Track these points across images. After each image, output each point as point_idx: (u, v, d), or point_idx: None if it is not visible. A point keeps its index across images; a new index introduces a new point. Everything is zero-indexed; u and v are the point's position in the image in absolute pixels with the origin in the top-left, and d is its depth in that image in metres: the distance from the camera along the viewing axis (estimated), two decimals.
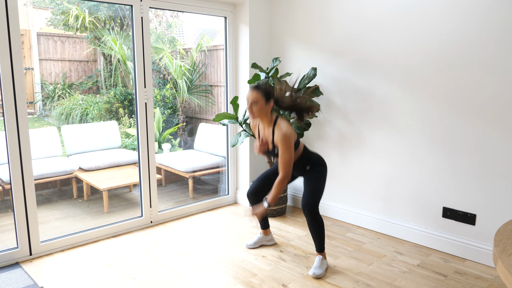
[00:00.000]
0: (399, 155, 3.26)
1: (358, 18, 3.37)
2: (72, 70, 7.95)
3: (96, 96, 7.04)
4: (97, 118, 6.34)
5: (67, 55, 7.89)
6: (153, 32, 6.25)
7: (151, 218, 3.54)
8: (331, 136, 3.71)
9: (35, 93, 7.63)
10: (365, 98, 3.41)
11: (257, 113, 2.60)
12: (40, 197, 4.37)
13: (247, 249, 3.10)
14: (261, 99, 2.56)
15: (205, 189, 4.81)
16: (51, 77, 7.74)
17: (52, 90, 7.56)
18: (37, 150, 4.52)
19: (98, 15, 6.85)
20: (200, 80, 5.90)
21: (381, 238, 3.31)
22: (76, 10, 6.44)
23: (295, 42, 3.86)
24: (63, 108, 6.82)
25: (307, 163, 2.76)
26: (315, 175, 2.75)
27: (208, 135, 5.07)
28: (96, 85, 7.77)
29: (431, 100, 3.03)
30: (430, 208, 3.13)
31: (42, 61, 7.75)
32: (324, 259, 2.78)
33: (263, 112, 2.60)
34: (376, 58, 3.29)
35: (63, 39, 7.82)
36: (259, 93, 2.57)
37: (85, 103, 6.81)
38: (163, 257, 2.95)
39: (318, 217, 2.70)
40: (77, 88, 7.70)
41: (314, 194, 2.69)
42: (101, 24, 6.93)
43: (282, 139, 2.52)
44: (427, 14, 2.97)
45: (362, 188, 3.54)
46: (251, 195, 2.97)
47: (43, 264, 2.83)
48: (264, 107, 2.58)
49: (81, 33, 7.36)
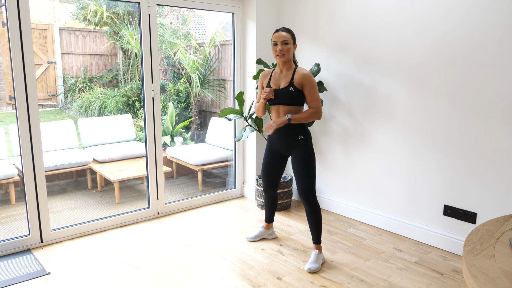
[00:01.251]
0: (401, 151, 3.25)
1: (363, 13, 3.35)
2: (93, 64, 8.18)
3: (114, 90, 7.24)
4: (114, 111, 6.52)
5: (88, 49, 8.12)
6: (168, 27, 6.36)
7: (158, 210, 3.66)
8: (335, 131, 3.72)
9: (57, 86, 7.91)
10: (369, 94, 3.41)
11: (287, 53, 2.66)
12: (56, 187, 4.57)
13: (248, 242, 3.17)
14: (291, 40, 2.67)
15: (214, 182, 4.91)
16: (73, 71, 7.99)
17: (73, 83, 7.81)
18: (54, 142, 4.72)
19: (116, 10, 7.01)
20: (214, 75, 5.98)
21: (382, 235, 3.32)
22: (95, 5, 6.61)
23: (301, 37, 3.87)
24: (82, 101, 7.04)
25: (301, 131, 2.74)
26: (307, 156, 2.72)
27: (219, 129, 5.15)
28: (115, 79, 7.98)
29: (433, 97, 3.00)
30: (431, 205, 3.12)
31: (64, 55, 8.00)
32: (320, 253, 2.82)
33: (290, 54, 2.69)
34: (380, 53, 3.28)
35: (84, 33, 8.05)
36: (288, 34, 2.68)
37: (103, 96, 7.01)
38: (166, 247, 3.06)
39: (317, 204, 2.78)
40: (97, 81, 7.93)
41: (310, 179, 2.72)
42: (120, 19, 7.09)
43: (309, 76, 2.65)
44: (429, 9, 2.94)
45: (365, 184, 3.55)
46: (268, 189, 3.07)
47: (53, 251, 2.99)
48: (291, 48, 2.69)
49: (100, 28, 7.55)
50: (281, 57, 2.68)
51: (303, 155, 2.73)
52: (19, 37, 2.78)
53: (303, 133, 2.74)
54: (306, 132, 2.77)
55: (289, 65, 2.74)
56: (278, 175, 3.00)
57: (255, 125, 3.66)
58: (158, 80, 3.47)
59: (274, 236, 3.25)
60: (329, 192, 3.87)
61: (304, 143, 2.74)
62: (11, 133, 4.58)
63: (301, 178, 2.73)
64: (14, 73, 2.79)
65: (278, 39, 2.66)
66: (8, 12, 2.72)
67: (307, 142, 2.75)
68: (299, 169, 2.74)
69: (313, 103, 2.68)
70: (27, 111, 2.88)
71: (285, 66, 2.74)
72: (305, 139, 2.74)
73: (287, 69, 2.74)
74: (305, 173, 2.72)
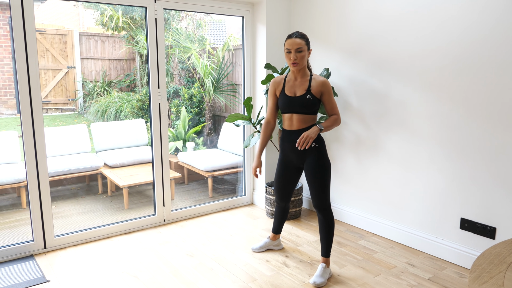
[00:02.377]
0: (415, 161, 3.09)
1: (375, 16, 3.22)
2: (112, 69, 8.27)
3: (131, 94, 7.28)
4: (129, 115, 6.55)
5: (107, 54, 8.22)
6: (183, 31, 6.34)
7: (164, 217, 3.60)
8: (347, 138, 3.58)
9: (76, 91, 8.02)
10: (381, 100, 3.26)
11: (301, 61, 2.54)
12: (67, 192, 4.58)
13: (253, 252, 3.07)
14: (305, 47, 2.54)
15: (224, 188, 4.83)
16: (92, 75, 8.10)
17: (91, 87, 7.90)
18: (66, 147, 4.74)
19: (133, 15, 7.05)
20: (227, 79, 5.92)
21: (395, 248, 3.16)
22: (111, 11, 6.67)
23: (312, 41, 3.75)
24: (99, 105, 7.10)
25: (316, 139, 2.59)
26: (322, 164, 2.59)
27: (231, 134, 5.08)
28: (133, 83, 8.04)
29: (449, 103, 2.83)
30: (447, 218, 2.94)
31: (83, 60, 8.11)
32: (328, 268, 2.69)
33: (304, 60, 2.56)
34: (393, 57, 3.13)
35: (103, 38, 8.15)
36: (302, 40, 2.53)
37: (120, 100, 7.05)
38: (168, 256, 2.99)
39: (331, 215, 2.67)
40: (115, 86, 8.00)
41: (325, 188, 2.60)
42: (136, 24, 7.13)
43: (327, 84, 2.57)
44: (444, 10, 2.78)
45: (377, 193, 3.39)
46: (281, 202, 2.93)
47: (55, 257, 2.96)
48: (306, 55, 2.56)
49: (118, 33, 7.62)
50: (295, 66, 2.55)
51: (317, 163, 2.59)
52: (23, 41, 2.77)
53: (317, 140, 2.61)
54: (320, 139, 2.63)
55: (303, 72, 2.62)
56: (291, 188, 2.86)
57: None
58: (164, 85, 3.42)
59: (281, 247, 3.13)
60: (340, 201, 3.72)
61: (318, 151, 2.61)
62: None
63: (315, 187, 2.60)
64: (18, 78, 2.79)
65: (292, 47, 2.52)
66: (13, 17, 2.72)
67: (322, 150, 2.62)
68: (313, 178, 2.60)
69: (334, 109, 2.62)
70: (31, 116, 2.87)
71: (300, 73, 2.62)
72: (319, 146, 2.61)
73: (302, 76, 2.62)
74: (320, 182, 2.59)
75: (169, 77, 6.64)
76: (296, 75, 2.63)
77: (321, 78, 2.59)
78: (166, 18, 6.86)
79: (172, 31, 6.57)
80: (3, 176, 3.96)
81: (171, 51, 6.53)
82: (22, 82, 2.81)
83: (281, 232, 3.12)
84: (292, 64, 2.55)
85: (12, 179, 3.96)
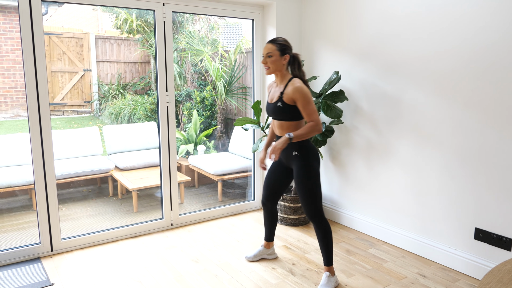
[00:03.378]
0: (428, 167, 2.98)
1: (386, 17, 3.13)
2: (127, 72, 8.34)
3: (144, 97, 7.31)
4: (143, 118, 6.57)
5: (122, 57, 8.29)
6: (196, 34, 6.34)
7: (171, 221, 3.58)
8: (358, 143, 3.49)
9: (92, 93, 8.12)
10: (393, 104, 3.16)
11: (272, 66, 2.50)
12: (78, 194, 4.61)
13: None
14: (275, 52, 2.49)
15: (234, 193, 4.79)
16: (107, 78, 8.18)
17: (107, 90, 7.98)
18: (78, 149, 4.78)
19: (147, 18, 7.09)
20: (240, 82, 5.89)
21: (406, 257, 3.06)
22: (125, 14, 6.72)
23: (323, 44, 3.68)
24: (114, 108, 7.16)
25: (296, 147, 2.54)
26: (303, 172, 2.51)
27: (242, 138, 5.04)
28: (148, 86, 8.09)
29: (463, 108, 2.72)
30: (461, 227, 2.82)
31: (99, 63, 8.20)
32: (332, 276, 2.61)
33: (278, 66, 2.51)
34: (405, 60, 3.04)
35: (119, 41, 8.23)
36: (273, 45, 2.51)
37: (134, 103, 7.09)
38: (173, 261, 2.96)
39: (323, 222, 2.56)
40: (130, 88, 8.06)
41: (312, 199, 2.53)
42: (150, 28, 7.17)
43: (299, 91, 2.41)
44: (458, 11, 2.67)
45: (389, 200, 3.29)
46: (266, 202, 2.86)
47: (62, 260, 2.96)
48: (278, 60, 2.50)
49: (133, 36, 7.68)
50: (267, 70, 2.55)
51: (300, 171, 2.53)
52: (31, 44, 2.79)
53: (298, 148, 2.54)
54: (301, 147, 2.54)
55: (282, 77, 2.57)
56: (280, 187, 2.79)
57: None
58: (172, 89, 3.40)
59: (275, 257, 3.04)
60: (350, 208, 3.63)
61: (301, 159, 2.54)
62: None
63: (301, 194, 2.56)
64: (26, 81, 2.80)
65: (263, 51, 2.55)
66: (21, 21, 2.74)
67: (304, 157, 2.54)
68: (298, 186, 2.56)
69: (310, 116, 2.43)
70: (39, 118, 2.88)
71: (279, 77, 2.58)
72: (300, 154, 2.54)
73: (280, 81, 2.58)
74: (304, 189, 2.53)
75: (182, 80, 6.65)
76: (277, 80, 2.61)
77: (295, 85, 2.44)
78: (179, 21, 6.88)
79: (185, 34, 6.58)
80: (15, 178, 4.01)
81: (184, 54, 6.54)
82: (30, 85, 2.83)
83: (273, 239, 3.03)
84: (265, 69, 2.55)
85: (24, 181, 4.00)
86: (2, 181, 3.95)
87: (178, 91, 6.49)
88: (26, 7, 2.75)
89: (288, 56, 2.53)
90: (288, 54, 2.53)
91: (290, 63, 2.56)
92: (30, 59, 2.80)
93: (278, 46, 2.50)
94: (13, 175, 4.05)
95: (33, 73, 2.83)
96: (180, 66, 6.66)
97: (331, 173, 3.79)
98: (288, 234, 3.48)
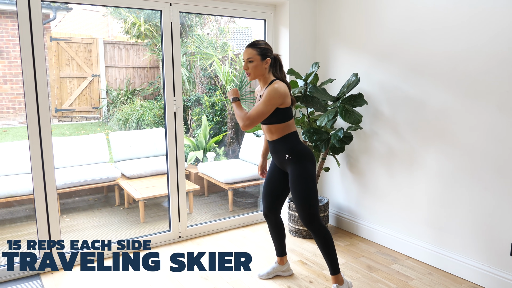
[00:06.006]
0: (457, 176, 2.73)
1: (409, 15, 2.90)
2: (136, 77, 8.21)
3: (153, 102, 7.16)
4: (151, 124, 6.42)
5: (131, 62, 8.17)
6: (205, 38, 6.18)
7: (179, 233, 3.38)
8: (378, 150, 3.26)
9: (100, 99, 8.00)
10: (417, 108, 2.93)
11: (253, 71, 2.37)
12: (83, 203, 4.44)
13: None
14: (256, 56, 2.35)
15: (245, 202, 4.58)
16: (116, 84, 8.06)
17: (115, 96, 7.85)
18: (84, 156, 4.62)
19: (155, 22, 6.96)
20: (250, 87, 5.69)
21: (433, 274, 2.81)
22: (133, 18, 6.59)
23: (339, 44, 3.47)
24: (122, 114, 7.02)
25: (288, 150, 2.41)
26: (296, 176, 2.38)
27: (253, 144, 4.83)
28: (157, 91, 7.94)
29: (497, 111, 2.48)
30: (495, 242, 2.57)
31: (108, 68, 8.08)
32: (342, 285, 2.40)
33: (259, 70, 2.37)
34: (430, 61, 2.80)
35: (127, 46, 8.11)
36: (253, 50, 2.36)
37: (142, 109, 6.94)
38: (181, 278, 2.75)
39: (321, 230, 2.39)
40: (139, 94, 7.93)
41: (307, 204, 2.36)
42: (159, 32, 7.02)
43: (268, 91, 2.30)
44: (490, 4, 2.44)
45: (413, 212, 3.05)
46: (268, 213, 2.64)
47: (62, 278, 2.77)
48: (260, 65, 2.36)
49: (142, 40, 7.55)
50: (248, 76, 2.41)
51: (291, 175, 2.41)
52: (30, 49, 2.63)
53: (290, 151, 2.41)
54: (294, 150, 2.41)
55: (264, 81, 2.43)
56: (280, 194, 2.59)
57: None
58: (180, 94, 3.22)
59: (290, 273, 2.80)
60: (371, 219, 3.39)
61: (292, 161, 2.41)
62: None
63: (294, 199, 2.41)
64: (25, 88, 2.64)
65: (244, 57, 2.41)
66: (20, 24, 2.58)
67: (297, 159, 2.40)
68: (291, 190, 2.43)
69: (253, 111, 2.30)
70: (38, 125, 2.71)
71: (261, 82, 2.45)
72: (293, 157, 2.40)
73: (263, 85, 2.45)
74: (297, 194, 2.39)
75: (191, 84, 6.48)
76: (260, 84, 2.49)
77: (273, 86, 2.32)
78: (188, 25, 6.73)
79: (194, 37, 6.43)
80: (19, 187, 3.85)
81: (193, 58, 6.38)
82: (29, 91, 2.66)
83: (286, 253, 2.78)
84: (246, 75, 2.42)
85: (28, 190, 3.84)
86: (6, 190, 3.80)
87: (187, 96, 6.32)
88: (25, 11, 2.59)
89: (270, 60, 2.39)
90: (269, 57, 2.39)
91: (271, 65, 2.42)
92: (29, 64, 2.64)
93: (258, 50, 2.36)
94: (18, 183, 3.89)
95: (32, 79, 2.66)
96: (189, 71, 6.50)
97: (349, 182, 3.56)
98: (303, 247, 3.26)
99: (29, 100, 2.67)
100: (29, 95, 2.66)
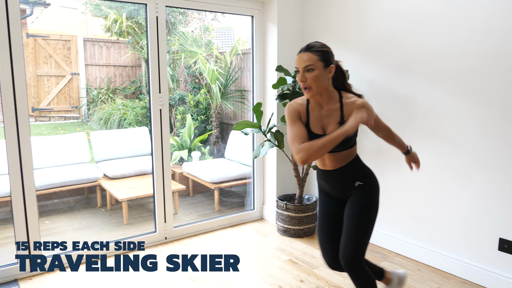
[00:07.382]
0: (446, 173, 2.74)
1: (398, 12, 2.90)
2: (117, 75, 8.02)
3: (135, 101, 7.02)
4: (133, 123, 6.28)
5: (112, 60, 7.98)
6: (189, 35, 6.08)
7: (165, 234, 3.29)
8: (367, 148, 3.24)
9: (80, 98, 7.78)
10: (406, 105, 2.92)
11: (315, 84, 1.77)
12: (63, 205, 4.29)
13: (263, 276, 2.73)
14: (318, 63, 1.77)
15: (232, 201, 4.51)
16: (96, 82, 7.85)
17: (96, 95, 7.66)
18: (64, 156, 4.47)
19: (138, 19, 6.82)
20: (236, 85, 5.62)
21: (423, 270, 2.80)
22: (114, 14, 6.43)
23: (328, 41, 3.41)
24: (102, 113, 6.85)
25: (358, 176, 1.94)
26: (367, 213, 1.90)
27: (239, 143, 4.77)
28: (139, 90, 7.78)
29: (486, 108, 2.49)
30: (483, 238, 2.58)
31: (87, 66, 7.87)
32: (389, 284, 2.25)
33: (321, 82, 1.79)
34: (420, 59, 2.80)
35: (108, 44, 7.92)
36: (314, 54, 1.77)
37: (124, 108, 6.79)
38: (168, 280, 2.67)
39: (365, 273, 1.91)
40: (120, 93, 7.75)
41: (360, 241, 1.86)
42: (141, 29, 6.89)
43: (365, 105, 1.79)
44: (481, 5, 2.45)
45: (402, 209, 3.04)
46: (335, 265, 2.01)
47: (42, 283, 2.65)
48: (322, 75, 1.78)
49: (123, 38, 7.38)
50: (308, 92, 1.81)
51: (357, 203, 1.91)
52: (8, 47, 2.50)
53: (362, 176, 1.95)
54: (366, 175, 1.97)
55: (328, 96, 1.85)
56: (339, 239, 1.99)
57: (275, 140, 3.24)
58: (166, 90, 3.13)
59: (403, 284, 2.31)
60: None
61: (363, 189, 1.93)
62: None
63: (347, 232, 1.89)
64: (1, 85, 2.51)
65: (299, 65, 1.80)
66: None
67: (369, 188, 1.95)
68: (349, 221, 1.90)
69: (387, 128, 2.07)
70: (16, 125, 2.58)
71: (323, 98, 1.86)
72: (365, 184, 1.94)
73: (327, 101, 1.86)
74: (355, 227, 1.87)
75: (174, 83, 6.37)
76: (320, 101, 1.87)
77: (358, 102, 1.81)
78: (172, 22, 6.61)
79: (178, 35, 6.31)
80: None
81: (177, 56, 6.27)
82: (6, 89, 2.53)
83: (384, 274, 2.22)
84: (304, 89, 1.82)
85: (4, 192, 3.68)
86: None
87: (170, 94, 6.21)
88: (2, 5, 2.46)
89: (334, 67, 1.84)
90: (333, 63, 1.84)
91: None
92: (7, 61, 2.51)
93: (320, 55, 1.78)
94: None
95: (9, 77, 2.53)
96: (172, 69, 6.38)
97: None
98: (293, 246, 3.21)
99: (6, 98, 2.54)
100: (6, 93, 2.53)
